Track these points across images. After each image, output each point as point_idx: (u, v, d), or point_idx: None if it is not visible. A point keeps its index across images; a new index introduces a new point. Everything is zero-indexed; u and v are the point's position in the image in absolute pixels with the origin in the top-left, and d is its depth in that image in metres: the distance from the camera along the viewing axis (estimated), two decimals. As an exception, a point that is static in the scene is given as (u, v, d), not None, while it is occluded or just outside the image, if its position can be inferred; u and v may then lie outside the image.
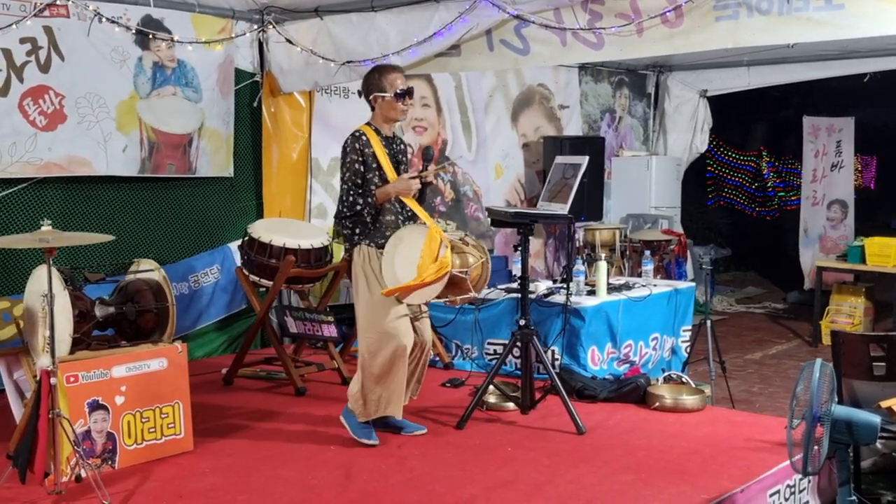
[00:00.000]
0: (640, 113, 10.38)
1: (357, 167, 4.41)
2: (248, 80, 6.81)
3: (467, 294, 4.53)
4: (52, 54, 5.58)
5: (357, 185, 4.41)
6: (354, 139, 4.45)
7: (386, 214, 4.46)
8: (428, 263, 4.23)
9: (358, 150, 4.42)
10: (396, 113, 4.52)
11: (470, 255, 4.53)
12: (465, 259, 4.51)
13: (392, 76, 4.50)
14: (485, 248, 4.66)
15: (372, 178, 4.43)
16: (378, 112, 4.54)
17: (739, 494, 3.90)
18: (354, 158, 4.41)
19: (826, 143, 10.38)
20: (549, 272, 9.05)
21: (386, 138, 4.54)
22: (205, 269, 6.63)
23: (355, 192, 4.40)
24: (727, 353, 6.86)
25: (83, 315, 4.51)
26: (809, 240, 10.47)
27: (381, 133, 4.52)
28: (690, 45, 5.03)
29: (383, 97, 4.48)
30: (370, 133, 4.48)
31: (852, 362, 4.29)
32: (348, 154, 4.43)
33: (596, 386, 5.45)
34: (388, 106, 4.49)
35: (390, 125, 4.59)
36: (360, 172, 4.42)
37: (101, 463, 4.08)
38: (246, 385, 5.78)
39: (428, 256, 4.24)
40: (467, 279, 4.46)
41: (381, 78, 4.50)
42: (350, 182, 4.41)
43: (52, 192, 5.75)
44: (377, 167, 4.44)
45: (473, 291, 4.53)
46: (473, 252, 4.55)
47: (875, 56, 8.23)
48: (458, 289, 4.51)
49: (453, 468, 4.20)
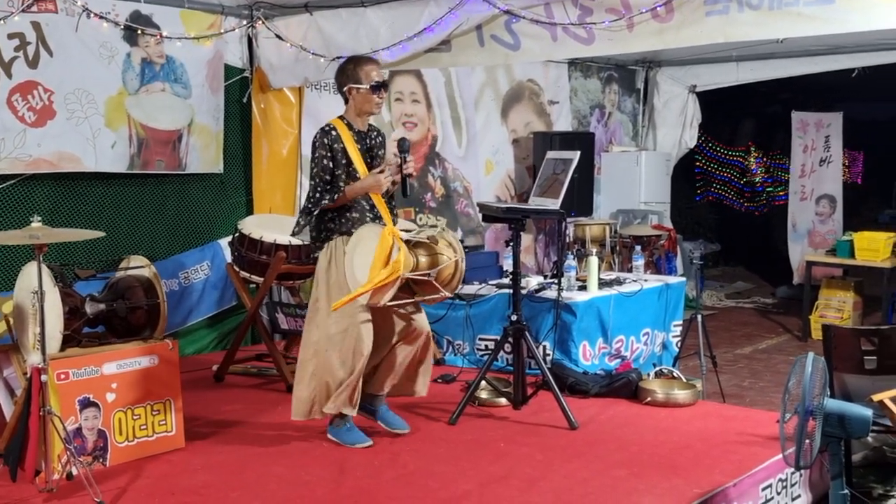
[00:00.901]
0: (630, 108, 10.40)
1: (326, 163, 4.32)
2: (238, 76, 6.78)
3: (436, 294, 4.39)
4: (41, 50, 5.54)
5: (325, 181, 4.33)
6: (324, 134, 4.35)
7: (352, 211, 4.37)
8: (378, 266, 4.14)
9: (327, 146, 4.33)
10: (371, 106, 4.41)
11: (442, 255, 4.38)
12: (434, 259, 4.36)
13: (368, 67, 4.41)
14: (460, 245, 4.46)
15: (341, 174, 4.34)
16: (352, 104, 4.43)
17: (732, 488, 3.92)
18: (323, 154, 4.32)
19: (815, 139, 10.42)
20: (539, 267, 9.06)
21: (358, 132, 4.44)
22: (195, 266, 6.60)
23: (322, 188, 4.32)
24: (717, 348, 6.89)
25: (73, 312, 4.48)
26: (798, 234, 10.52)
27: (353, 127, 4.42)
28: (681, 40, 5.03)
29: (358, 89, 4.38)
30: (341, 127, 4.38)
31: (843, 356, 4.31)
32: (317, 149, 4.34)
33: (588, 381, 5.46)
34: (362, 98, 4.39)
35: (364, 119, 4.48)
36: (329, 168, 4.33)
37: (93, 460, 4.06)
38: (237, 382, 5.76)
39: (379, 259, 4.14)
40: (432, 280, 4.32)
41: (356, 69, 4.40)
42: (318, 178, 4.32)
43: (41, 188, 5.71)
44: (346, 163, 4.35)
45: (444, 291, 4.38)
46: (445, 251, 4.39)
47: (863, 51, 8.26)
48: (428, 288, 4.39)
49: (446, 464, 4.20)
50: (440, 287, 4.35)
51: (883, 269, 8.15)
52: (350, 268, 4.24)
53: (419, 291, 4.43)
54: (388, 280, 4.14)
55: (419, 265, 4.32)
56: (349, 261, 4.25)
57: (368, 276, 4.15)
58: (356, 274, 4.22)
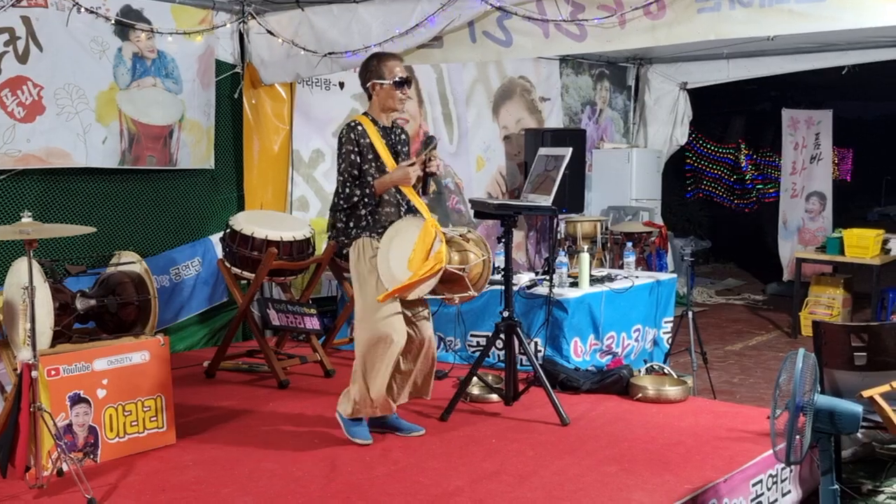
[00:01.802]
0: (621, 105, 10.41)
1: (353, 158, 4.30)
2: (229, 72, 6.76)
3: (466, 293, 4.40)
4: (31, 45, 5.51)
5: (354, 176, 4.30)
6: (350, 129, 4.34)
7: (385, 206, 4.35)
8: (420, 258, 4.14)
9: (354, 141, 4.31)
10: (394, 102, 4.40)
11: (471, 253, 4.41)
12: (464, 256, 4.39)
13: (391, 63, 4.40)
14: (488, 245, 4.50)
15: (369, 168, 4.32)
16: (375, 101, 4.42)
17: (722, 484, 3.93)
18: (350, 149, 4.30)
19: (805, 136, 10.47)
20: (530, 264, 9.07)
21: (383, 128, 4.43)
22: (186, 262, 6.58)
23: (352, 184, 4.29)
24: (708, 345, 6.91)
25: (64, 308, 4.47)
26: (788, 232, 10.56)
27: (378, 123, 4.42)
28: (673, 37, 5.04)
29: (382, 85, 4.37)
30: (367, 123, 4.37)
31: (833, 353, 4.33)
32: (344, 145, 4.32)
33: (579, 377, 5.47)
34: (386, 94, 4.38)
35: (388, 115, 4.46)
36: (357, 163, 4.30)
37: (83, 457, 4.05)
38: (228, 378, 5.75)
39: (421, 251, 4.14)
40: (465, 277, 4.35)
41: (380, 65, 4.39)
42: (346, 174, 4.30)
43: (31, 183, 5.68)
44: (374, 157, 4.33)
45: (473, 290, 4.41)
46: (474, 249, 4.42)
47: (853, 49, 8.29)
48: (456, 287, 4.40)
49: (438, 460, 4.20)
50: (470, 285, 4.37)
51: (872, 265, 8.19)
52: (385, 261, 4.21)
53: (446, 290, 4.43)
54: (433, 272, 4.14)
55: (452, 261, 4.33)
56: (383, 254, 4.22)
57: (408, 267, 4.14)
58: (392, 267, 4.19)
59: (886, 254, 8.37)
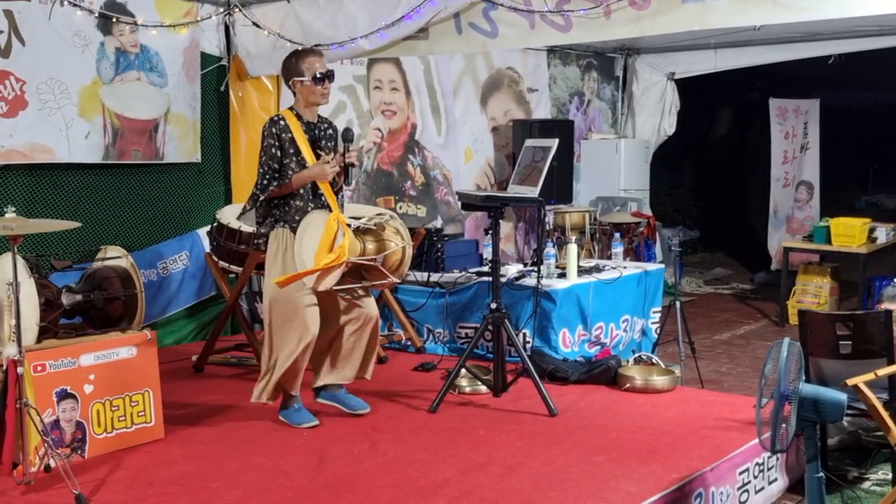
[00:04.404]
0: (609, 96, 10.41)
1: (274, 151, 4.44)
2: (215, 64, 6.73)
3: (385, 280, 4.61)
4: (13, 39, 5.48)
5: (274, 169, 4.45)
6: (272, 123, 4.48)
7: (295, 199, 4.49)
8: (324, 250, 4.29)
9: (275, 135, 4.45)
10: (316, 97, 4.54)
11: (390, 241, 4.58)
12: (382, 245, 4.57)
13: (310, 59, 4.53)
14: (408, 233, 4.70)
15: (289, 162, 4.46)
16: (299, 97, 4.57)
17: (709, 473, 3.95)
18: (271, 143, 4.44)
19: (794, 125, 10.48)
20: (519, 255, 9.08)
21: (307, 123, 4.56)
22: (173, 256, 6.57)
23: (271, 176, 4.44)
24: (696, 334, 6.94)
25: (50, 303, 4.45)
26: (779, 221, 10.57)
27: (302, 118, 4.54)
28: (657, 28, 5.04)
29: (301, 81, 4.51)
30: (290, 117, 4.50)
31: (819, 341, 4.35)
32: (265, 138, 4.46)
33: (567, 368, 5.49)
34: (307, 90, 4.52)
35: (312, 109, 4.60)
36: (277, 157, 4.45)
37: (71, 452, 4.03)
38: (217, 372, 5.74)
39: (325, 243, 4.30)
40: (378, 265, 4.53)
41: (298, 62, 4.53)
42: (266, 166, 4.45)
43: (14, 179, 5.65)
44: (294, 152, 4.46)
45: (392, 277, 4.60)
46: (393, 238, 4.59)
47: (839, 38, 8.29)
48: (377, 273, 4.59)
49: (426, 452, 4.21)
50: (388, 273, 4.56)
51: (859, 254, 8.23)
52: (299, 252, 4.38)
53: (368, 277, 4.63)
54: (333, 264, 4.29)
55: (366, 251, 4.53)
56: (298, 245, 4.39)
57: (314, 260, 4.30)
58: (304, 258, 4.36)
59: (873, 242, 8.41)
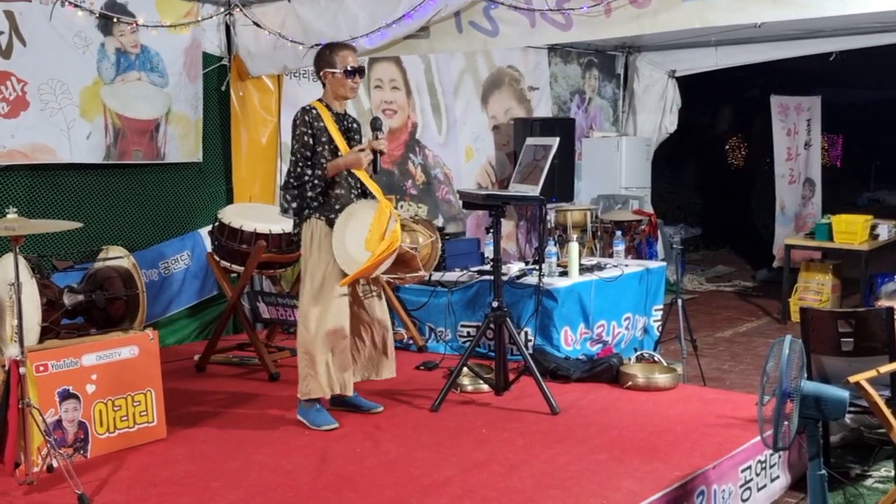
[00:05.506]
0: (610, 94, 10.40)
1: (306, 139, 4.43)
2: (216, 64, 6.73)
3: (416, 272, 4.60)
4: (14, 40, 5.48)
5: (306, 157, 4.44)
6: (304, 112, 4.49)
7: (336, 188, 4.49)
8: (377, 238, 4.27)
9: (308, 123, 4.45)
10: (346, 90, 4.55)
11: (420, 234, 4.58)
12: (414, 237, 4.56)
13: (343, 53, 4.55)
14: (434, 227, 4.71)
15: (322, 150, 4.46)
16: (328, 89, 4.58)
17: (712, 471, 3.95)
18: (304, 131, 4.44)
19: (796, 122, 10.47)
20: (521, 254, 9.08)
21: (337, 115, 4.57)
22: (175, 256, 6.57)
23: (304, 164, 4.44)
24: (698, 332, 6.93)
25: (52, 303, 4.46)
26: (787, 218, 10.55)
27: (332, 109, 4.56)
28: (658, 26, 5.03)
29: (333, 73, 4.52)
30: (321, 108, 4.52)
31: (821, 338, 4.34)
32: (297, 127, 4.46)
33: (569, 366, 5.49)
34: (337, 83, 4.53)
35: (341, 102, 4.63)
36: (310, 145, 4.44)
37: (73, 452, 4.04)
38: (219, 371, 5.75)
39: (377, 231, 4.27)
40: (417, 256, 4.52)
41: (331, 54, 4.54)
42: (299, 154, 4.44)
43: (16, 179, 5.65)
44: (327, 140, 4.47)
45: (423, 270, 4.59)
46: (423, 231, 4.60)
47: (840, 35, 8.28)
48: (407, 267, 4.57)
49: (428, 450, 4.21)
50: (421, 265, 4.53)
51: (861, 251, 8.22)
52: (340, 243, 4.33)
53: (398, 271, 4.58)
54: (390, 251, 4.26)
55: (406, 241, 4.47)
56: (339, 236, 4.34)
57: (366, 247, 4.26)
58: (349, 249, 4.30)
59: (875, 239, 8.40)
